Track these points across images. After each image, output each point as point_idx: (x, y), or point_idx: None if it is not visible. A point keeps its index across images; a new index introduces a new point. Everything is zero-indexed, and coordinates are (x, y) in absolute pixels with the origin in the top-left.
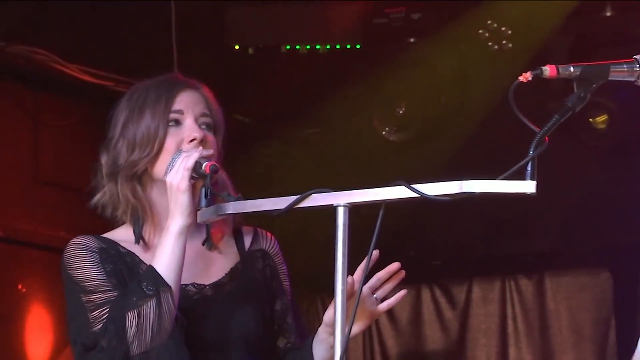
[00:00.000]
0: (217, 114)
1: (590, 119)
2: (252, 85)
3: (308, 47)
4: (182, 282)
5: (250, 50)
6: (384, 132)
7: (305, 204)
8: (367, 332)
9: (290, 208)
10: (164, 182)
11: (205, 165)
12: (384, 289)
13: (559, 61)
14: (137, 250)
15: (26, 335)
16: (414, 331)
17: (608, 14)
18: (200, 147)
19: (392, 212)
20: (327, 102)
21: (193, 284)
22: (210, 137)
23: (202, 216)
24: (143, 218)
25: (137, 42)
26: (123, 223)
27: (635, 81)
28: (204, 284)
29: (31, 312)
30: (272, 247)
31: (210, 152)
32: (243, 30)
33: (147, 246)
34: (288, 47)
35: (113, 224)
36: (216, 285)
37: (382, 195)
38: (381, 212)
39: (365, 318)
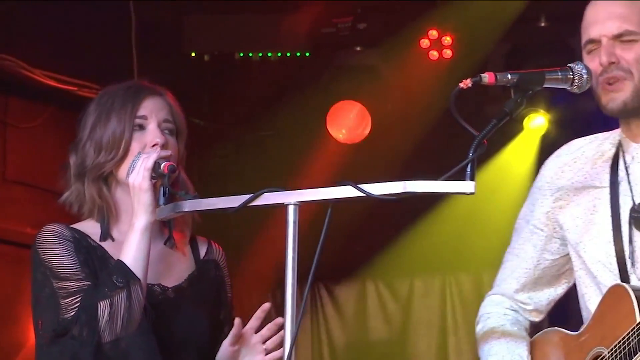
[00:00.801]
0: (179, 119)
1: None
2: (207, 90)
3: (260, 54)
4: (148, 282)
5: (206, 57)
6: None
7: (258, 202)
8: (315, 323)
9: (243, 206)
10: (127, 184)
11: (163, 165)
12: (272, 341)
13: (496, 69)
14: (105, 245)
15: None
16: (359, 322)
17: (542, 24)
18: (159, 148)
19: (341, 210)
20: (278, 106)
21: (159, 285)
22: (172, 141)
23: (160, 213)
24: (108, 216)
25: (99, 49)
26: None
27: (569, 88)
28: (167, 286)
29: None
30: (222, 260)
31: (169, 152)
32: (199, 38)
33: (113, 243)
34: (241, 54)
35: (79, 220)
36: (177, 288)
37: (331, 195)
38: (329, 211)
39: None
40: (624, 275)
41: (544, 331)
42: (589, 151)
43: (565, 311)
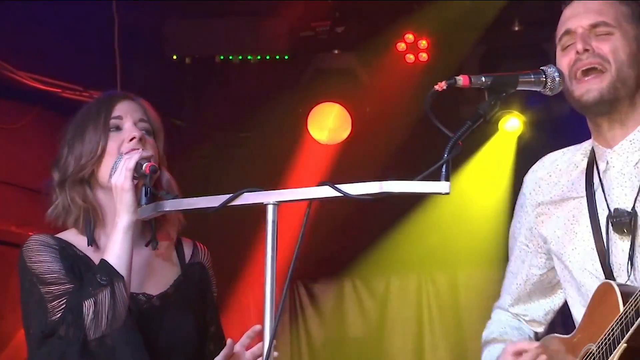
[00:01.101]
0: (155, 120)
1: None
2: (189, 93)
3: (240, 57)
4: (133, 291)
5: (187, 60)
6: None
7: (238, 202)
8: (294, 321)
9: (223, 206)
10: (110, 186)
11: (145, 166)
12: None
13: (471, 71)
14: (89, 252)
15: None
16: (337, 320)
17: (517, 28)
18: (141, 149)
19: (320, 211)
20: (259, 108)
21: (143, 294)
22: (151, 140)
23: (142, 213)
24: (94, 221)
25: (82, 52)
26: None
27: (541, 90)
28: (152, 295)
29: None
30: (207, 261)
31: (150, 153)
32: (180, 42)
33: (97, 249)
34: (222, 57)
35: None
36: (162, 295)
37: (309, 195)
38: (307, 210)
39: None
40: (609, 277)
41: (543, 338)
42: (562, 163)
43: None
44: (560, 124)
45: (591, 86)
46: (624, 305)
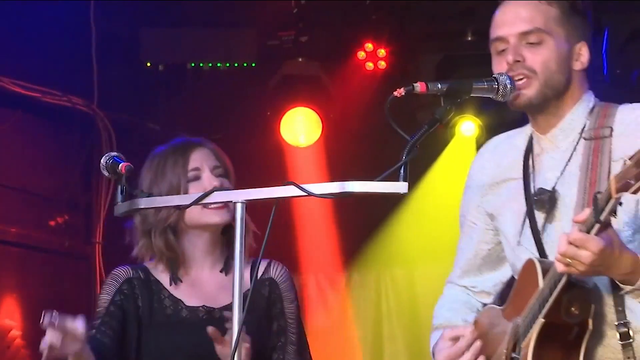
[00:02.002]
0: (226, 162)
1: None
2: (162, 97)
3: (210, 64)
4: (194, 304)
5: (160, 67)
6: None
7: (209, 200)
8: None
9: (194, 204)
10: (194, 231)
11: (121, 165)
12: None
13: (428, 78)
14: (163, 279)
15: None
16: (300, 311)
17: (469, 38)
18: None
19: (285, 210)
20: (228, 112)
21: (203, 307)
22: (226, 182)
23: (118, 210)
24: (177, 263)
25: (61, 58)
26: None
27: (494, 97)
28: (213, 307)
29: None
30: (281, 276)
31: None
32: (154, 50)
33: (181, 284)
34: (193, 64)
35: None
36: (225, 308)
37: (275, 194)
38: (274, 208)
39: None
40: (542, 252)
41: (484, 309)
42: (504, 146)
43: None
44: (514, 126)
45: (521, 92)
46: (543, 281)
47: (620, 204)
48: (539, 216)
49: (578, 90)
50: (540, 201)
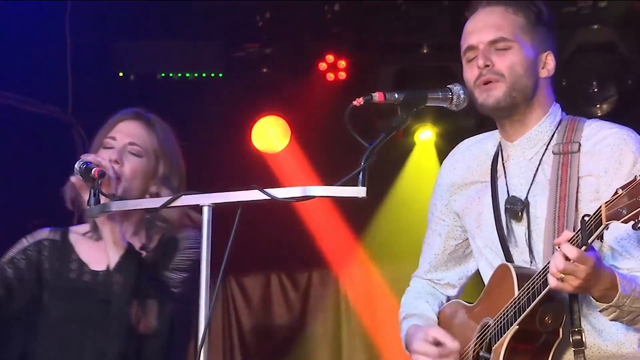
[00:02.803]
0: (150, 144)
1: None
2: (132, 105)
3: (179, 75)
4: (97, 269)
5: (132, 77)
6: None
7: (177, 203)
8: (225, 310)
9: (164, 207)
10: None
11: (94, 170)
12: None
13: (386, 89)
14: (80, 243)
15: None
16: (264, 309)
17: (425, 50)
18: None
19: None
20: (195, 120)
21: (106, 270)
22: (134, 160)
23: (90, 212)
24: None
25: (39, 68)
26: None
27: (448, 106)
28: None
29: None
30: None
31: (99, 159)
32: (126, 60)
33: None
34: (163, 74)
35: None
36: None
37: (241, 198)
38: (239, 212)
39: None
40: (508, 257)
41: (449, 302)
42: (475, 149)
43: None
44: (469, 135)
45: (490, 94)
46: (519, 289)
47: (607, 229)
48: (508, 221)
49: (545, 100)
50: (513, 209)
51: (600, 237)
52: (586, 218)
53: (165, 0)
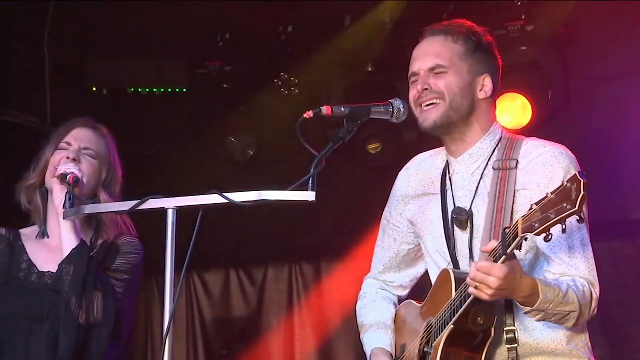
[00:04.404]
0: (101, 147)
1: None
2: (105, 118)
3: (147, 89)
4: (44, 269)
5: (104, 91)
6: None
7: (144, 206)
8: (188, 302)
9: (132, 210)
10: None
11: (69, 176)
12: None
13: (336, 103)
14: (30, 245)
15: None
16: (223, 302)
17: (369, 69)
18: (70, 163)
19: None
20: (161, 130)
21: (49, 272)
22: (92, 162)
23: (66, 215)
24: (42, 219)
25: (19, 84)
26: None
27: (389, 119)
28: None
29: None
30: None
31: (69, 165)
32: (99, 75)
33: (43, 240)
34: (132, 89)
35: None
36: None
37: (202, 201)
38: (200, 214)
39: None
40: (455, 262)
41: (403, 303)
42: (426, 164)
43: None
44: (410, 148)
45: (428, 115)
46: (455, 292)
47: (525, 239)
48: (457, 230)
49: (485, 120)
50: (459, 219)
51: (519, 247)
52: (506, 230)
53: (134, 21)
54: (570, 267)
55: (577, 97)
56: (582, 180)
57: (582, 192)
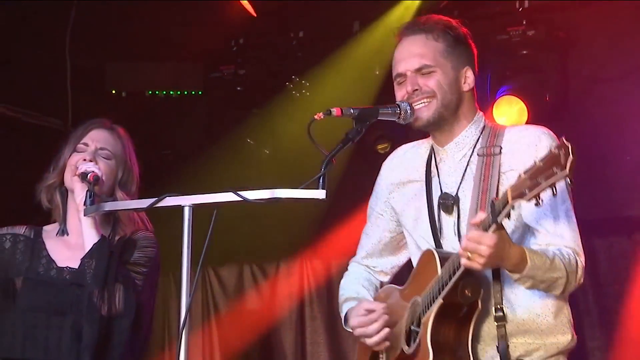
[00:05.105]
0: (118, 147)
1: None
2: (124, 119)
3: (164, 92)
4: (63, 265)
5: (123, 94)
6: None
7: (162, 204)
8: (204, 295)
9: (150, 207)
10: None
11: (89, 175)
12: None
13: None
14: (50, 242)
15: None
16: (238, 295)
17: (377, 72)
18: (90, 162)
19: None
20: (178, 131)
21: (67, 267)
22: (109, 163)
23: (86, 212)
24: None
25: (42, 87)
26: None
27: (397, 120)
28: (75, 268)
29: None
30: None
31: (89, 165)
32: (118, 79)
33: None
34: (150, 92)
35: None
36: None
37: (218, 199)
38: (215, 212)
39: None
40: (438, 245)
41: (383, 287)
42: (410, 154)
43: None
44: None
45: (421, 114)
46: (441, 269)
47: (514, 208)
48: (444, 215)
49: (469, 110)
50: (445, 204)
51: (508, 216)
52: (495, 201)
53: (152, 27)
54: (555, 237)
55: (575, 99)
56: (569, 146)
57: (570, 156)
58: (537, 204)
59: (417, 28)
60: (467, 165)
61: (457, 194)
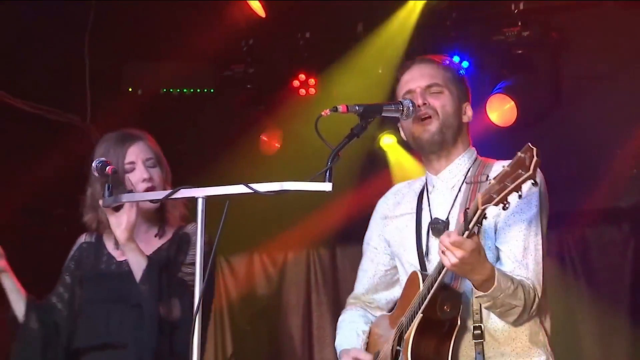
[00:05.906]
0: (157, 153)
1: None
2: (140, 115)
3: (178, 90)
4: (122, 259)
5: (139, 92)
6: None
7: (177, 195)
8: (217, 284)
9: (165, 199)
10: None
11: (108, 168)
12: None
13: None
14: (109, 244)
15: None
16: (248, 283)
17: (380, 71)
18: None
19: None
20: (190, 126)
21: (126, 261)
22: (156, 171)
23: (104, 203)
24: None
25: (62, 85)
26: None
27: (399, 116)
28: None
29: None
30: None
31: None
32: (134, 78)
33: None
34: (165, 90)
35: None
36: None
37: (230, 191)
38: (227, 204)
39: None
40: (424, 268)
41: (377, 318)
42: (404, 190)
43: None
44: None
45: (426, 128)
46: (423, 284)
47: (485, 217)
48: (433, 240)
49: (465, 141)
50: (436, 227)
51: (480, 223)
52: (467, 210)
53: (167, 28)
54: (521, 266)
55: (568, 96)
56: (534, 149)
57: (535, 158)
58: (504, 208)
59: (427, 59)
60: (459, 192)
61: (447, 218)
